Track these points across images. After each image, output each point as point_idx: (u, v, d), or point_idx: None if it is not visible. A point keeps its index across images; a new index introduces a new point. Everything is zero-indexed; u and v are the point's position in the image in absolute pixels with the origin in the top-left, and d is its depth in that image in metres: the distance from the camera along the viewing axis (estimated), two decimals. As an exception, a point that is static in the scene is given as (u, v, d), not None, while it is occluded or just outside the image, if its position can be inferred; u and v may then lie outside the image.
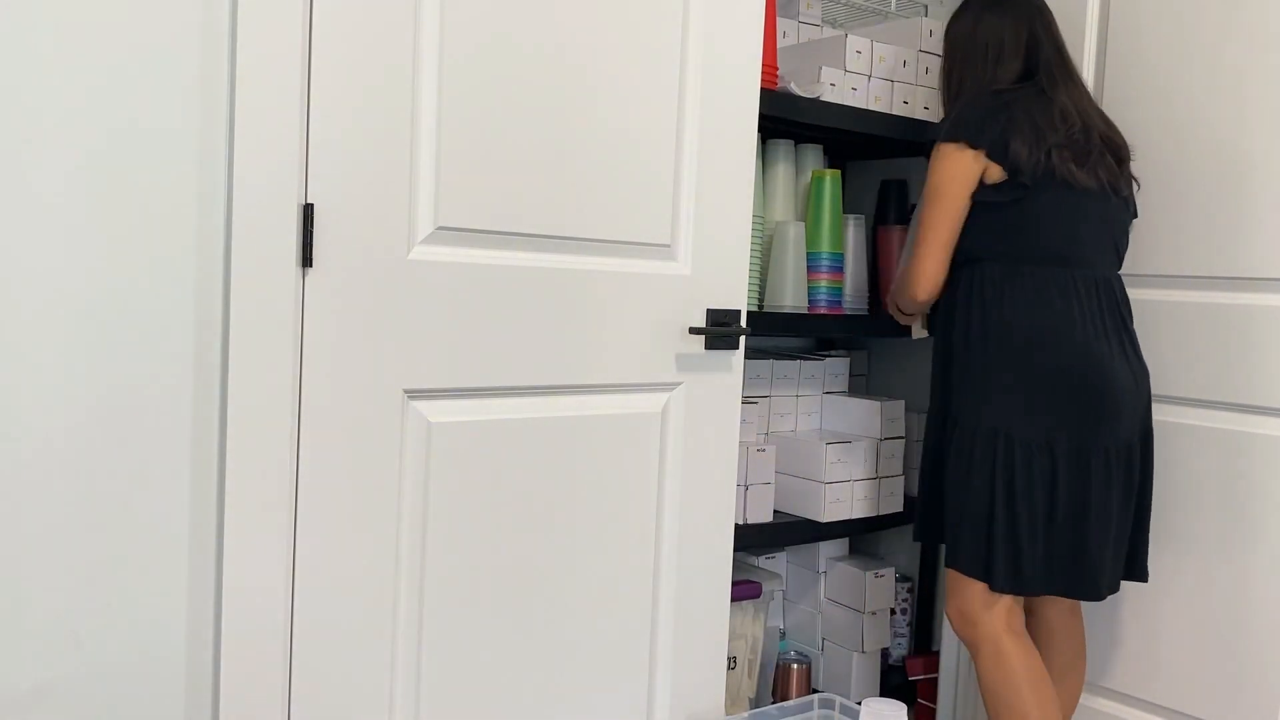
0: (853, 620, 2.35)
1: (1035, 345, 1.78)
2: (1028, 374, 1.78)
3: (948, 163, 1.84)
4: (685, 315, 1.73)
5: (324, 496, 1.42)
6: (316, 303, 1.39)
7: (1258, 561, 1.88)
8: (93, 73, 1.24)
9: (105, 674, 1.31)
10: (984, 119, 1.81)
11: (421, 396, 1.49)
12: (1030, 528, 1.77)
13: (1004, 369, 1.80)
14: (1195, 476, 1.96)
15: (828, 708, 1.83)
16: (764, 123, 2.01)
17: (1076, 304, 1.80)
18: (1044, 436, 1.77)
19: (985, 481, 1.79)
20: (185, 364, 1.33)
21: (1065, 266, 1.81)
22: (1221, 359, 1.92)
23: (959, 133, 1.82)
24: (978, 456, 1.80)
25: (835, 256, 2.19)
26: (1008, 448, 1.78)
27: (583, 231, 1.61)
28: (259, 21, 1.31)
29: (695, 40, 1.69)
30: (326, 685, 1.44)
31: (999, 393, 1.80)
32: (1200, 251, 1.95)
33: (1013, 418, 1.79)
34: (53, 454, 1.25)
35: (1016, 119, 1.81)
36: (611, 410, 1.67)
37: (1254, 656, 1.88)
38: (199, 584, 1.36)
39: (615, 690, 1.72)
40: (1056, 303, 1.79)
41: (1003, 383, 1.80)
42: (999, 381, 1.80)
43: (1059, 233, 1.81)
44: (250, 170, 1.32)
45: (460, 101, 1.47)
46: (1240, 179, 1.90)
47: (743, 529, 2.03)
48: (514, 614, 1.60)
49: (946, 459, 1.87)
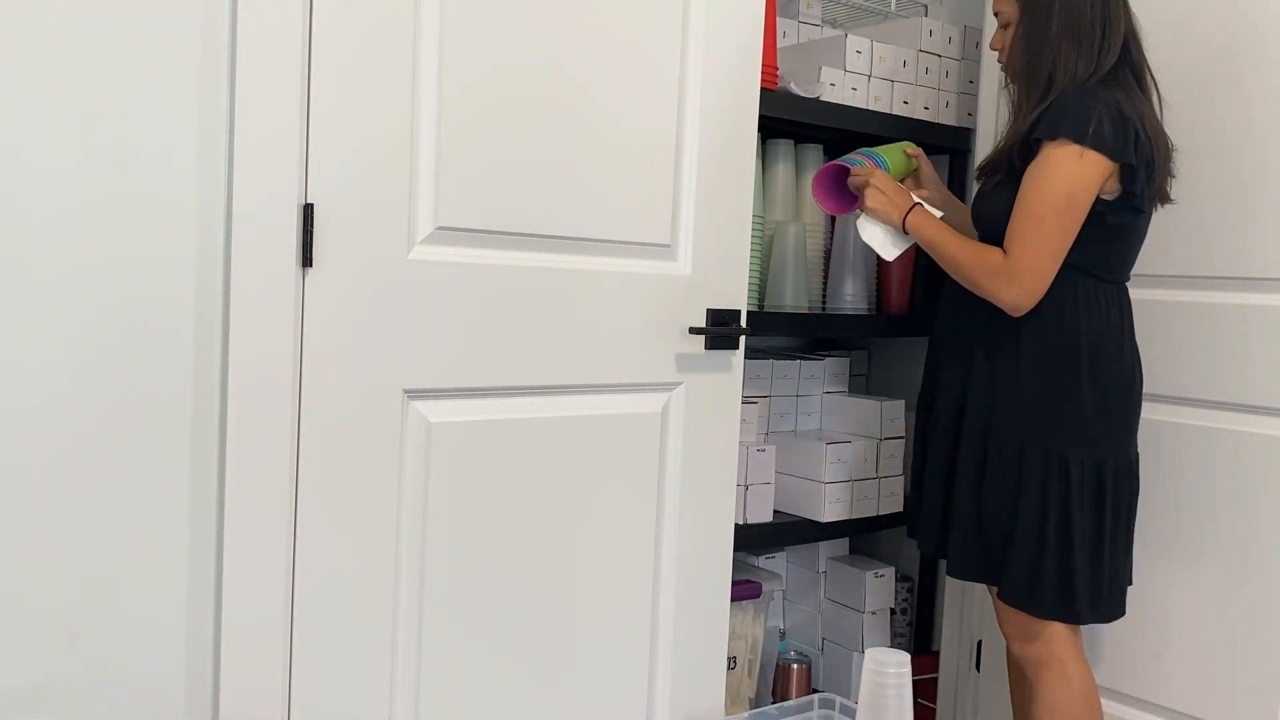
0: (853, 620, 2.35)
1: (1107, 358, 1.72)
2: (1106, 391, 1.72)
3: (1085, 169, 1.63)
4: (685, 315, 1.73)
5: (324, 496, 1.42)
6: (316, 303, 1.39)
7: (1258, 561, 1.88)
8: (93, 73, 1.24)
9: (105, 674, 1.31)
10: (1122, 129, 1.63)
11: (421, 396, 1.49)
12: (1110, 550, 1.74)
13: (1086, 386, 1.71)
14: (1195, 477, 1.96)
15: (828, 708, 1.83)
16: (764, 123, 2.01)
17: (1129, 319, 1.76)
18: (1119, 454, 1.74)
19: (1088, 510, 1.71)
20: (185, 363, 1.32)
21: (1119, 281, 1.76)
22: (1221, 359, 1.92)
23: (1101, 143, 1.62)
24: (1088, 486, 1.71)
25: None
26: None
27: (583, 231, 1.61)
28: (259, 21, 1.31)
29: (695, 40, 1.69)
30: (326, 685, 1.44)
31: (1090, 416, 1.71)
32: (1200, 251, 1.95)
33: (1101, 439, 1.71)
34: (53, 454, 1.25)
35: (1144, 134, 1.66)
36: (611, 410, 1.67)
37: (1255, 656, 1.88)
38: (199, 584, 1.36)
39: (615, 690, 1.72)
40: (1120, 317, 1.74)
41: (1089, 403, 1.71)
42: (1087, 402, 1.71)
43: (1132, 252, 1.76)
44: (250, 170, 1.32)
45: (460, 102, 1.47)
46: (1241, 179, 1.90)
47: (743, 529, 2.03)
48: (514, 613, 1.60)
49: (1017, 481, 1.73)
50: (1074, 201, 1.64)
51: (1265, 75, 1.87)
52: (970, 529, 1.77)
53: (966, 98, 2.37)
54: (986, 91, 2.31)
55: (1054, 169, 1.64)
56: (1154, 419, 2.01)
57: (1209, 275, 1.95)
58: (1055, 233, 1.65)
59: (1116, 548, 1.74)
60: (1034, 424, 1.71)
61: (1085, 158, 1.63)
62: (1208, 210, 1.94)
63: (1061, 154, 1.64)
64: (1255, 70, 1.88)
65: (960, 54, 2.35)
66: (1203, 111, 1.95)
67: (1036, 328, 1.71)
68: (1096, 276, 1.72)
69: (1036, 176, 1.66)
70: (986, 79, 2.31)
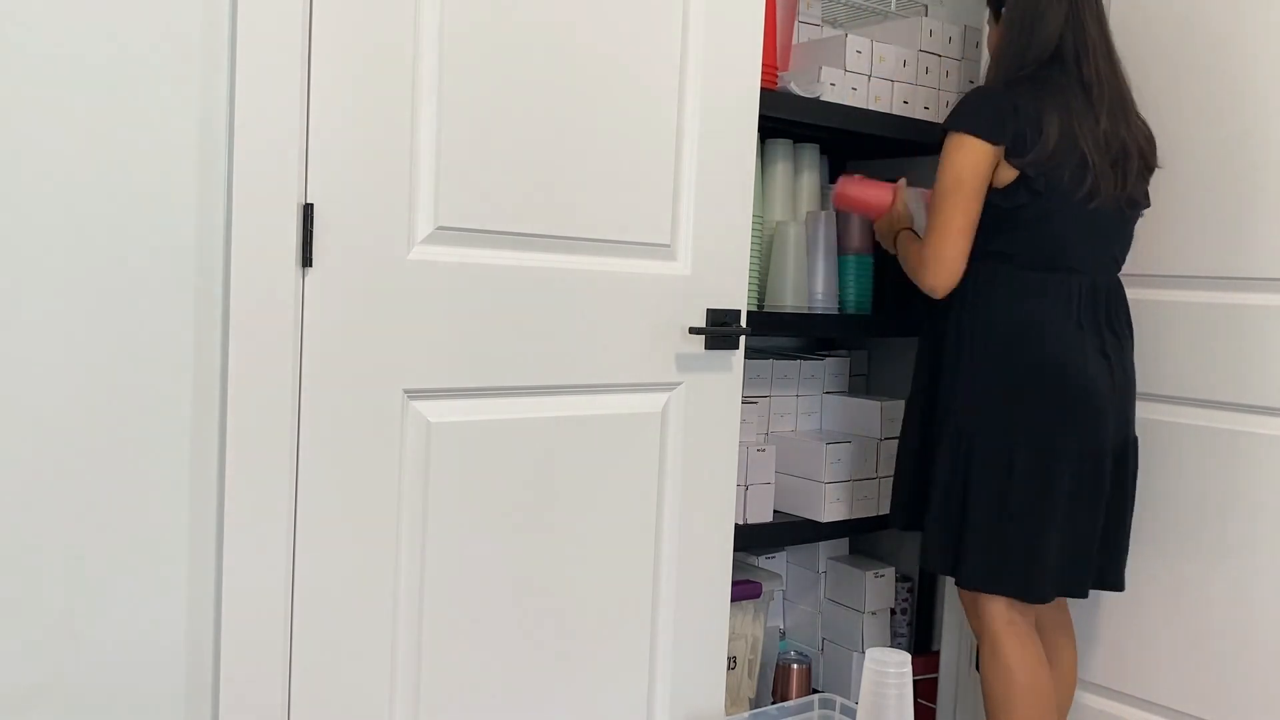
0: (853, 620, 2.35)
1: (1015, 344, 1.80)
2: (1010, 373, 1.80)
3: (964, 154, 1.78)
4: (685, 315, 1.73)
5: (324, 496, 1.42)
6: (316, 303, 1.39)
7: (1257, 561, 1.88)
8: (92, 73, 1.24)
9: (105, 673, 1.31)
10: (999, 115, 1.76)
11: (421, 396, 1.49)
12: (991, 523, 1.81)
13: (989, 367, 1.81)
14: (1195, 476, 1.96)
15: (828, 708, 1.83)
16: (764, 122, 2.01)
17: (1058, 305, 1.79)
18: (1040, 439, 1.78)
19: (994, 484, 1.80)
20: (185, 364, 1.32)
21: (1053, 271, 1.81)
22: (1221, 359, 1.92)
23: (976, 127, 1.77)
24: (1008, 464, 1.79)
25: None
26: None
27: (583, 231, 1.61)
28: (259, 21, 1.31)
29: (695, 40, 1.69)
30: (326, 684, 1.44)
31: (989, 394, 1.81)
32: (1200, 251, 1.95)
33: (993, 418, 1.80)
34: (52, 453, 1.25)
35: (1040, 123, 1.76)
36: (611, 410, 1.67)
37: (1253, 655, 1.88)
38: (199, 584, 1.36)
39: (615, 690, 1.72)
40: (1050, 305, 1.79)
41: (985, 382, 1.81)
42: (985, 382, 1.81)
43: (1069, 242, 1.80)
44: (250, 170, 1.32)
45: (460, 101, 1.47)
46: (1241, 179, 1.90)
47: (743, 529, 2.03)
48: (514, 613, 1.60)
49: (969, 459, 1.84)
50: (961, 184, 1.78)
51: (1264, 75, 1.87)
52: (929, 511, 1.89)
53: (966, 98, 2.37)
54: (986, 91, 2.30)
55: (944, 159, 1.81)
56: (1155, 419, 2.01)
57: (1209, 275, 1.95)
58: (950, 217, 1.79)
59: (1045, 530, 1.77)
60: (954, 405, 1.84)
61: (964, 142, 1.77)
62: (1208, 210, 1.94)
63: (947, 144, 1.81)
64: (1254, 70, 1.88)
65: (960, 54, 2.35)
66: (1199, 111, 1.95)
67: (959, 314, 1.86)
68: (1022, 265, 1.81)
69: (937, 169, 1.83)
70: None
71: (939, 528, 1.85)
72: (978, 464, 1.80)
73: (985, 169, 1.78)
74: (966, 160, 1.77)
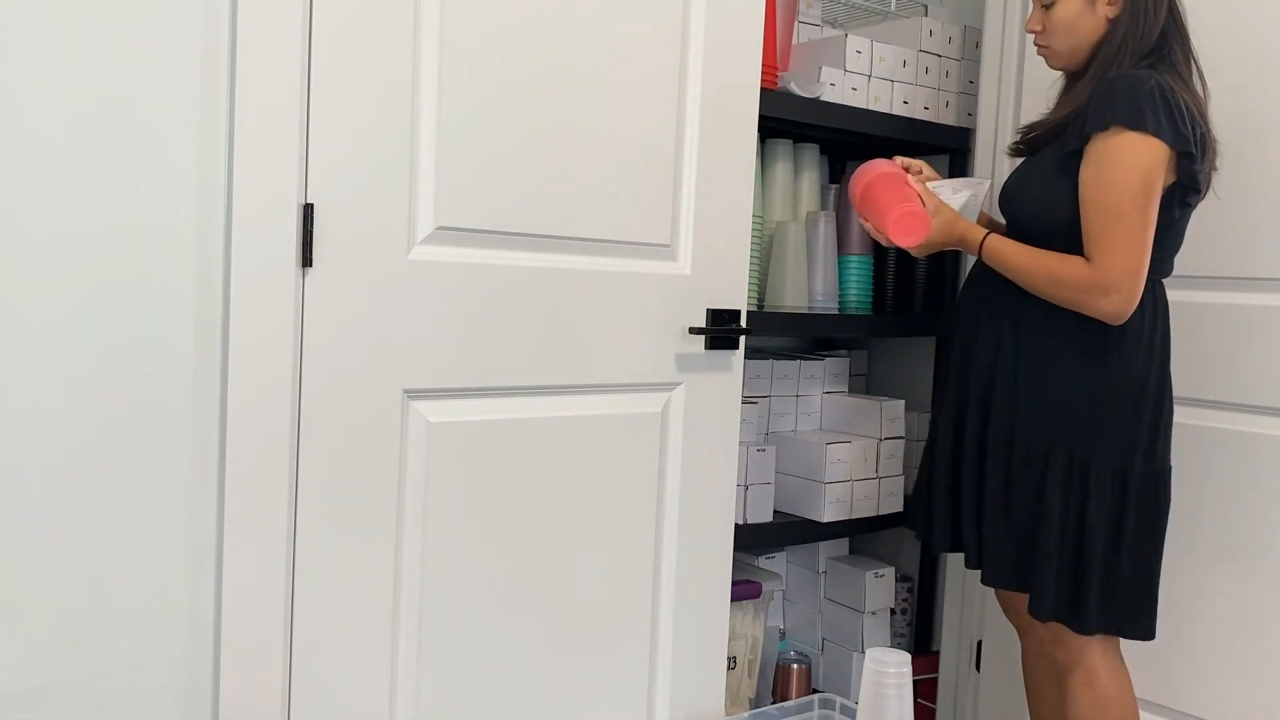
0: (853, 620, 2.35)
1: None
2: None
3: (1153, 158, 1.55)
4: (685, 315, 1.73)
5: (324, 497, 1.42)
6: (316, 303, 1.39)
7: (1262, 561, 1.88)
8: (93, 73, 1.24)
9: (104, 676, 1.30)
10: (1178, 117, 1.55)
11: (421, 396, 1.49)
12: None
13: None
14: (1196, 476, 1.96)
15: (828, 708, 1.83)
16: (763, 123, 2.01)
17: (1164, 318, 1.70)
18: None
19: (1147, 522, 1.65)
20: (185, 364, 1.32)
21: (1157, 278, 1.68)
22: (1221, 359, 1.92)
23: (1161, 129, 1.54)
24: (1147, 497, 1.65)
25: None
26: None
27: (583, 231, 1.61)
28: (259, 21, 1.31)
29: (695, 40, 1.69)
30: (326, 685, 1.44)
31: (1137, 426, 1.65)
32: (1200, 251, 1.95)
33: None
34: (52, 454, 1.25)
35: (1198, 121, 1.59)
36: (611, 410, 1.67)
37: (1261, 657, 1.88)
38: (199, 585, 1.36)
39: (615, 690, 1.72)
40: (1154, 317, 1.67)
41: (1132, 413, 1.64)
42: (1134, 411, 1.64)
43: (1177, 245, 1.69)
44: (250, 170, 1.32)
45: (460, 101, 1.47)
46: (1241, 179, 1.90)
47: (743, 529, 2.03)
48: (514, 614, 1.60)
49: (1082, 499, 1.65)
50: (1152, 191, 1.55)
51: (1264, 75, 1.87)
52: (1001, 534, 1.70)
53: (966, 98, 2.37)
54: (986, 91, 2.31)
55: (1123, 159, 1.55)
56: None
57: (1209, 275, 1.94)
58: (1141, 226, 1.56)
59: (1144, 560, 1.66)
60: (1059, 427, 1.65)
61: (1150, 145, 1.54)
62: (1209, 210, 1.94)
63: (1125, 142, 1.55)
64: (1254, 70, 1.88)
65: (960, 54, 2.35)
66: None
67: (1067, 326, 1.65)
68: (1156, 273, 1.65)
69: (1105, 168, 1.56)
70: (986, 79, 2.31)
71: (1057, 573, 1.64)
72: (1094, 495, 1.63)
73: (1164, 175, 1.57)
74: (1155, 165, 1.55)
